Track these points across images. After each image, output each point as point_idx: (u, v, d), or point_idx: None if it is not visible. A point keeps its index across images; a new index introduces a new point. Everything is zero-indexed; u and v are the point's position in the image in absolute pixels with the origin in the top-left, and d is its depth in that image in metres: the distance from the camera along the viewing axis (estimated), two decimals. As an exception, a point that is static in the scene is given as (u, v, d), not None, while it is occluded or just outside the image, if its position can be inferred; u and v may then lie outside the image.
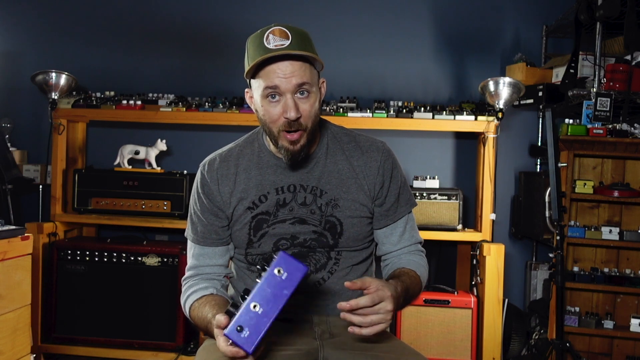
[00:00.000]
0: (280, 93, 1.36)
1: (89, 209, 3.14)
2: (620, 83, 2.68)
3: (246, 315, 1.19)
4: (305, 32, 1.39)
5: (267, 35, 1.34)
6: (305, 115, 1.37)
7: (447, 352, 2.86)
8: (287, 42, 1.33)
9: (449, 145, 3.46)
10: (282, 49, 1.32)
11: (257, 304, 1.19)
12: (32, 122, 3.53)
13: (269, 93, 1.36)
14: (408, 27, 3.46)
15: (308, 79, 1.36)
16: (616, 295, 3.00)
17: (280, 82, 1.34)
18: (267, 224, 1.48)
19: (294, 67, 1.34)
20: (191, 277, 1.54)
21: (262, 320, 1.19)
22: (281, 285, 1.21)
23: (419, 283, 1.51)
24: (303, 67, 1.36)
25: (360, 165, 1.51)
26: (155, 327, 2.97)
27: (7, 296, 2.10)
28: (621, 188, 2.85)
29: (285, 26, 1.36)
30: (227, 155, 1.53)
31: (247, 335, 1.18)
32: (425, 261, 1.59)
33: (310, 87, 1.37)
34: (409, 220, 1.58)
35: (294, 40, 1.34)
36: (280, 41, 1.33)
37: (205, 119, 3.11)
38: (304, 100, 1.37)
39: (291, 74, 1.34)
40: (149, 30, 3.55)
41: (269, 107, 1.38)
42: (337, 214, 1.48)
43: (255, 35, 1.38)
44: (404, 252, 1.57)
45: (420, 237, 1.62)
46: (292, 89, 1.35)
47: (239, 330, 1.18)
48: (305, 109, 1.37)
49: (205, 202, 1.51)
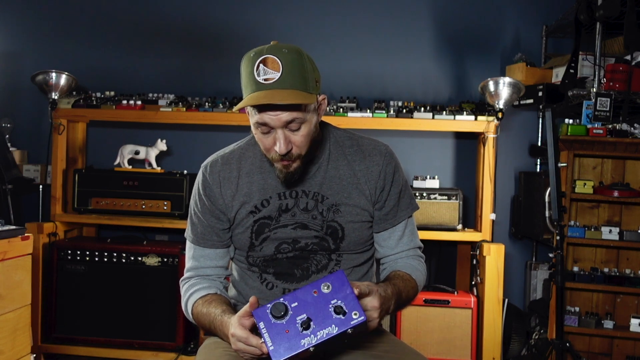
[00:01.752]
0: (271, 127, 1.34)
1: (89, 209, 3.14)
2: (620, 83, 2.68)
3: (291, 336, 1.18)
4: (298, 55, 1.33)
5: (257, 64, 1.30)
6: (297, 146, 1.36)
7: (447, 352, 2.86)
8: (277, 76, 1.29)
9: (449, 145, 3.46)
10: (270, 84, 1.28)
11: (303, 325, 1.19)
12: (32, 122, 3.53)
13: (259, 127, 1.35)
14: (408, 27, 3.46)
15: (298, 114, 1.32)
16: (616, 295, 3.00)
17: (269, 120, 1.32)
18: (268, 229, 1.48)
19: (284, 109, 1.31)
20: (191, 278, 1.54)
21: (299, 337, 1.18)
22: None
23: (414, 287, 1.50)
24: (293, 105, 1.31)
25: (362, 170, 1.50)
26: (155, 327, 2.97)
27: (7, 296, 2.10)
28: (621, 188, 2.85)
29: (278, 52, 1.30)
30: (229, 157, 1.52)
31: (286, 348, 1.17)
32: (424, 266, 1.58)
33: (302, 119, 1.34)
34: (408, 224, 1.57)
35: (285, 73, 1.29)
36: (271, 74, 1.29)
37: (205, 119, 3.11)
38: (296, 132, 1.35)
39: (280, 114, 1.31)
40: (149, 30, 3.55)
41: (261, 137, 1.37)
42: (338, 219, 1.48)
43: (248, 58, 1.33)
44: (402, 257, 1.56)
45: (420, 242, 1.61)
46: (282, 125, 1.33)
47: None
48: (297, 140, 1.36)
49: (207, 203, 1.51)
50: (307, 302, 1.21)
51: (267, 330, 1.18)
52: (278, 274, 1.50)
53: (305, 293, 1.22)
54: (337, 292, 1.21)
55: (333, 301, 1.20)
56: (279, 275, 1.50)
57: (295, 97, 1.29)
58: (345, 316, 1.18)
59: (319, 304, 1.20)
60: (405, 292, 1.45)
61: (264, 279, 1.52)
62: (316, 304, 1.20)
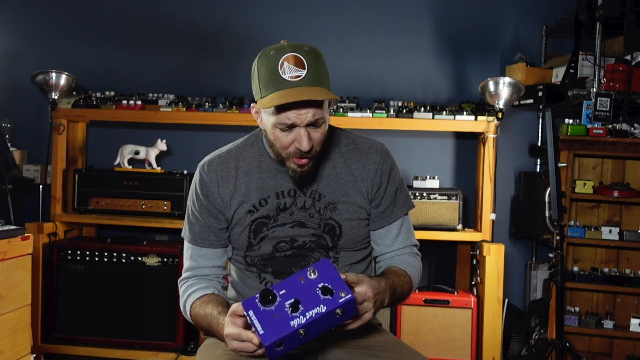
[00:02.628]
0: (294, 126, 1.34)
1: (89, 209, 3.14)
2: (620, 83, 2.68)
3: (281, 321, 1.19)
4: (318, 54, 1.35)
5: (281, 62, 1.30)
6: (316, 143, 1.38)
7: (447, 352, 2.86)
8: (304, 73, 1.30)
9: (449, 145, 3.46)
10: (298, 82, 1.29)
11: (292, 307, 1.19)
12: (32, 122, 3.53)
13: (282, 127, 1.35)
14: (408, 27, 3.46)
15: (321, 114, 1.34)
16: (616, 295, 3.00)
17: (295, 119, 1.32)
18: (266, 227, 1.48)
19: (309, 106, 1.32)
20: (189, 278, 1.54)
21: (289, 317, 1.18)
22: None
23: (408, 282, 1.50)
24: (317, 102, 1.33)
25: (358, 168, 1.51)
26: (155, 327, 2.97)
27: (7, 296, 2.10)
28: (621, 188, 2.85)
29: (300, 50, 1.31)
30: (226, 157, 1.52)
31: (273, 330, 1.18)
32: (419, 263, 1.58)
33: (323, 118, 1.36)
34: (404, 222, 1.57)
35: (310, 71, 1.30)
36: (296, 72, 1.29)
37: (205, 119, 3.11)
38: (317, 130, 1.36)
39: (306, 112, 1.32)
40: (149, 30, 3.55)
41: (280, 135, 1.36)
42: (335, 217, 1.48)
43: (268, 56, 1.33)
44: (398, 254, 1.56)
45: (416, 240, 1.61)
46: (307, 123, 1.34)
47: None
48: (317, 137, 1.37)
49: (205, 203, 1.51)
50: (294, 288, 1.22)
51: (256, 317, 1.19)
52: (276, 273, 1.51)
53: (292, 280, 1.24)
54: (324, 277, 1.23)
55: (320, 284, 1.22)
56: (277, 274, 1.51)
57: (324, 93, 1.31)
58: (332, 296, 1.20)
59: (307, 288, 1.22)
60: (400, 287, 1.45)
61: (263, 278, 1.52)
62: (304, 288, 1.22)
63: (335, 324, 1.22)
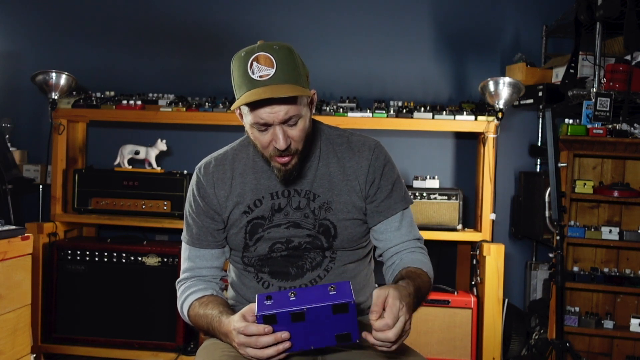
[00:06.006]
0: (268, 125, 1.35)
1: (89, 209, 3.14)
2: (620, 83, 2.68)
3: (279, 294, 1.26)
4: (289, 52, 1.34)
5: (251, 62, 1.32)
6: (295, 141, 1.38)
7: (447, 352, 2.86)
8: (272, 72, 1.30)
9: (449, 145, 3.46)
10: (266, 80, 1.30)
11: (294, 293, 1.25)
12: (32, 122, 3.53)
13: (257, 127, 1.36)
14: (408, 27, 3.46)
15: (295, 111, 1.34)
16: (616, 295, 3.00)
17: (268, 117, 1.33)
18: (262, 229, 1.49)
19: (281, 104, 1.32)
20: (188, 279, 1.54)
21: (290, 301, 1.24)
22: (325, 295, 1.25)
23: (428, 281, 1.48)
24: (290, 99, 1.33)
25: (352, 166, 1.50)
26: (155, 327, 2.97)
27: (7, 296, 2.10)
28: (621, 188, 2.85)
29: (269, 49, 1.32)
30: (222, 159, 1.53)
31: (270, 305, 1.24)
32: (428, 258, 1.56)
33: (298, 115, 1.35)
34: (404, 216, 1.55)
35: (279, 69, 1.31)
36: (265, 71, 1.31)
37: (205, 119, 3.11)
38: (293, 127, 1.36)
39: (278, 110, 1.32)
40: (149, 30, 3.55)
41: (258, 135, 1.38)
42: (330, 217, 1.48)
43: (239, 58, 1.35)
44: (405, 251, 1.54)
45: (419, 234, 1.59)
46: (280, 121, 1.34)
47: (267, 299, 1.25)
48: (295, 135, 1.37)
49: (201, 204, 1.51)
50: (306, 293, 1.27)
51: (258, 304, 1.25)
52: (273, 273, 1.51)
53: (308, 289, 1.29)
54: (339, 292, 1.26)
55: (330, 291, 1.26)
56: (274, 274, 1.51)
57: (293, 90, 1.30)
58: (334, 297, 1.23)
59: (317, 292, 1.27)
60: (423, 288, 1.43)
61: (260, 278, 1.53)
62: (314, 291, 1.27)
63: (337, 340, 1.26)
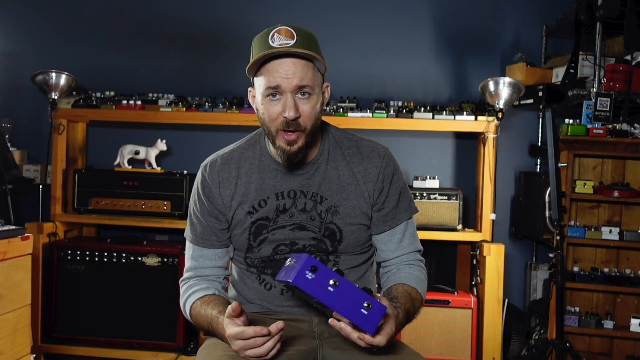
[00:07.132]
0: (281, 92, 1.36)
1: (89, 209, 3.14)
2: (620, 83, 2.68)
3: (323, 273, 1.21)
4: (312, 34, 1.40)
5: (272, 34, 1.34)
6: (304, 116, 1.37)
7: (447, 352, 2.86)
8: (292, 42, 1.33)
9: (449, 145, 3.46)
10: (286, 47, 1.33)
11: (336, 282, 1.21)
12: (32, 122, 3.53)
13: (269, 92, 1.37)
14: (408, 27, 3.46)
15: (310, 82, 1.36)
16: (616, 295, 3.00)
17: (281, 81, 1.34)
18: (266, 230, 1.48)
19: (297, 67, 1.34)
20: (191, 278, 1.54)
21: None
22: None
23: (419, 304, 1.50)
24: (306, 67, 1.35)
25: (360, 172, 1.50)
26: (155, 327, 2.97)
27: (7, 296, 2.10)
28: (621, 188, 2.85)
29: (292, 26, 1.36)
30: (228, 158, 1.52)
31: (309, 280, 1.20)
32: (425, 273, 1.57)
33: (312, 89, 1.37)
34: (408, 227, 1.55)
35: (299, 40, 1.34)
36: (285, 40, 1.33)
37: (205, 119, 3.11)
38: (305, 101, 1.37)
39: (293, 74, 1.34)
40: (149, 30, 3.55)
41: (268, 106, 1.38)
42: (336, 221, 1.47)
43: (262, 34, 1.38)
44: (404, 263, 1.54)
45: (420, 245, 1.59)
46: (293, 89, 1.35)
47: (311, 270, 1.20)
48: (305, 110, 1.37)
49: (206, 203, 1.50)
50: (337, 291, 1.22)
51: (300, 269, 1.21)
52: (276, 275, 1.50)
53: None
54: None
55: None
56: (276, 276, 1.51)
57: (312, 53, 1.34)
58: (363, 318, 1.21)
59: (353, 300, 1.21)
60: (413, 310, 1.46)
61: (262, 279, 1.52)
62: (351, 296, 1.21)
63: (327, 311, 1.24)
